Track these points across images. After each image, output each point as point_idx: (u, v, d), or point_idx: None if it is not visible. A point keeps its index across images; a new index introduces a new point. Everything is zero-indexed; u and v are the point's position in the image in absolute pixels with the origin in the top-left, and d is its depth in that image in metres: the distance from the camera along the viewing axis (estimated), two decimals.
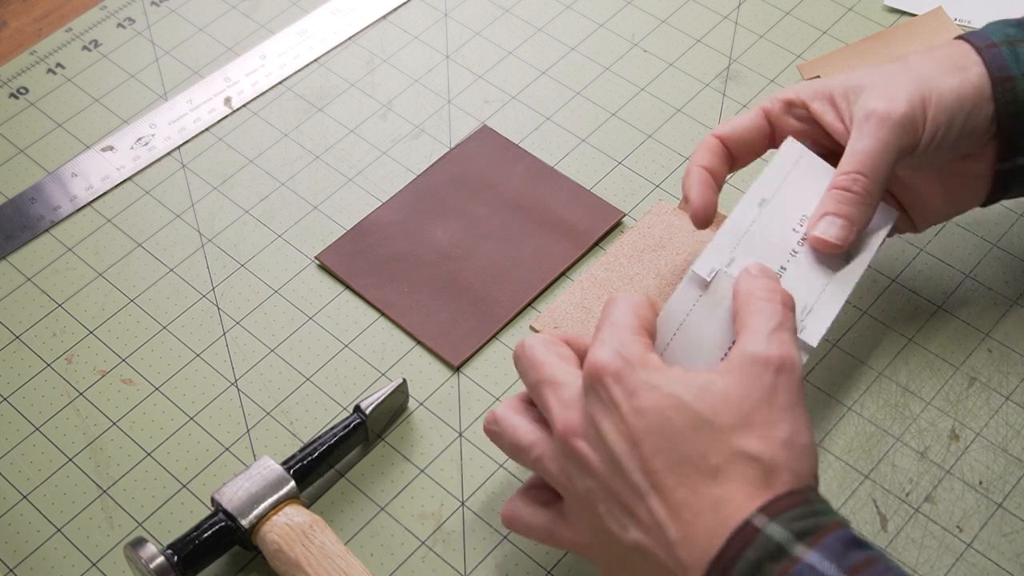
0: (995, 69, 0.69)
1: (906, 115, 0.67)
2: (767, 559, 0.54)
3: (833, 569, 0.53)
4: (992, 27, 0.71)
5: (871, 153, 0.67)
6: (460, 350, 0.78)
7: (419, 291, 0.80)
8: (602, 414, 0.59)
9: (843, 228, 0.68)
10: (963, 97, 0.68)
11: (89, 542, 0.71)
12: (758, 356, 0.59)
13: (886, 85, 0.69)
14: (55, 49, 0.96)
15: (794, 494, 0.56)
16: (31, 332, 0.80)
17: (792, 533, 0.54)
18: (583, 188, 0.85)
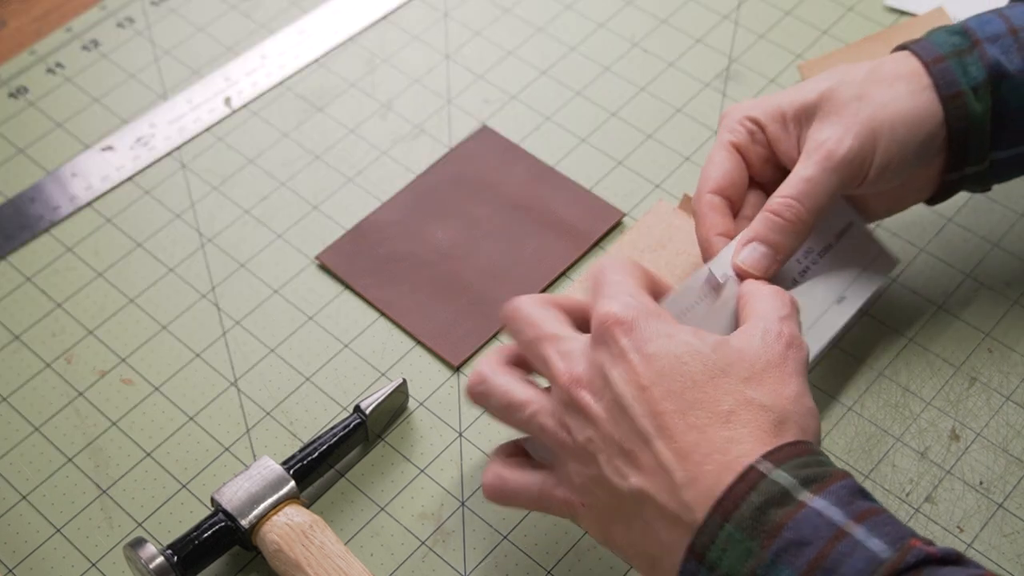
0: (944, 87, 0.69)
1: (853, 152, 0.67)
2: (772, 504, 0.54)
3: (840, 515, 0.53)
4: (937, 35, 0.71)
5: (812, 182, 0.67)
6: (460, 350, 0.78)
7: (419, 291, 0.80)
8: (611, 363, 0.59)
9: (766, 257, 0.68)
10: (916, 127, 0.68)
11: (89, 542, 0.71)
12: (770, 329, 0.61)
13: (839, 114, 0.68)
14: (54, 49, 0.96)
15: (800, 444, 0.57)
16: (31, 332, 0.80)
17: (798, 480, 0.54)
18: (583, 188, 0.85)
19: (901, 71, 0.69)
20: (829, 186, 0.68)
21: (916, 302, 0.79)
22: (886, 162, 0.68)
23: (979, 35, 0.70)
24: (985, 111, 0.69)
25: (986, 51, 0.69)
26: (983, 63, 0.69)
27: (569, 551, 0.70)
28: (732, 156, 0.72)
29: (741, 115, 0.72)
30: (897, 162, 0.68)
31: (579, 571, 0.69)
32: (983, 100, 0.68)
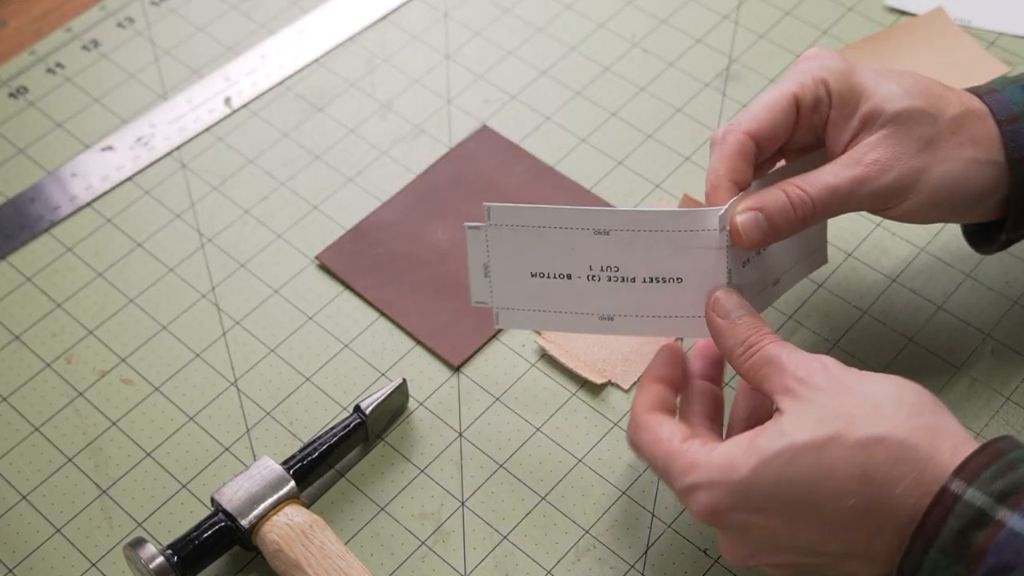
0: (1013, 149, 0.67)
1: (891, 189, 0.66)
2: (971, 527, 0.54)
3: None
4: (1013, 91, 0.69)
5: (836, 194, 0.66)
6: (460, 350, 0.78)
7: (419, 291, 0.80)
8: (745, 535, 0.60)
9: (762, 232, 0.66)
10: (961, 194, 0.67)
11: (89, 542, 0.71)
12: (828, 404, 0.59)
13: (900, 144, 0.66)
14: (55, 49, 0.96)
15: (986, 449, 0.56)
16: (31, 332, 0.80)
17: (992, 496, 0.54)
18: (583, 188, 0.85)
19: (978, 134, 0.67)
20: (850, 204, 0.67)
21: (916, 302, 0.79)
22: (914, 209, 0.67)
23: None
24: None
25: None
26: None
27: (569, 551, 0.70)
28: (789, 109, 0.68)
29: (822, 74, 0.68)
30: (926, 213, 0.67)
31: (579, 571, 0.69)
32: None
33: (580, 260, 0.69)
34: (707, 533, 0.70)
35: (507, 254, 0.71)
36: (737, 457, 0.58)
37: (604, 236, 0.68)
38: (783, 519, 0.58)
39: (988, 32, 0.91)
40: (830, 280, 0.80)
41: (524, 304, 0.71)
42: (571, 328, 0.71)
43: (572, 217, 0.69)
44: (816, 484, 0.57)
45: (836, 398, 0.58)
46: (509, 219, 0.70)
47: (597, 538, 0.70)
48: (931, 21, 0.92)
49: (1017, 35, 0.91)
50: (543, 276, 0.70)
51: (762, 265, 0.69)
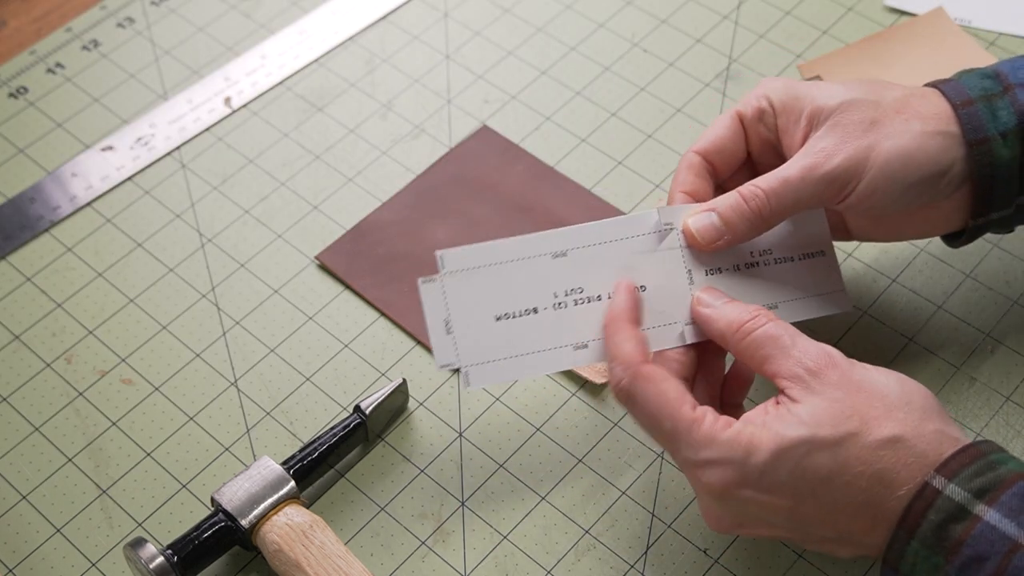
0: (970, 131, 0.67)
1: (839, 171, 0.66)
2: (950, 520, 0.57)
3: (1012, 527, 0.56)
4: (968, 78, 0.70)
5: (788, 185, 0.67)
6: None
7: (419, 291, 0.80)
8: (749, 511, 0.61)
9: (715, 231, 0.67)
10: (914, 166, 0.67)
11: (89, 542, 0.71)
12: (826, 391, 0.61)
13: (844, 130, 0.67)
14: (55, 49, 0.96)
15: (968, 450, 0.58)
16: (31, 332, 0.80)
17: (971, 492, 0.57)
18: (583, 188, 0.85)
19: (925, 110, 0.68)
20: (803, 193, 0.67)
21: (916, 302, 0.79)
22: (870, 190, 0.67)
23: (1011, 80, 0.68)
24: (1013, 157, 0.67)
25: (1018, 97, 0.68)
26: (1014, 109, 0.67)
27: (569, 551, 0.70)
28: (732, 125, 0.71)
29: (763, 91, 0.71)
30: (883, 194, 0.67)
31: (579, 571, 0.69)
32: (1011, 146, 0.67)
33: (543, 289, 0.67)
34: (707, 533, 0.70)
35: (467, 302, 0.67)
36: (759, 440, 0.59)
37: (563, 258, 0.67)
38: (790, 503, 0.59)
39: (988, 32, 0.92)
40: None
41: (493, 355, 0.66)
42: (547, 368, 0.67)
43: (527, 246, 0.67)
44: (829, 478, 0.59)
45: (850, 395, 0.60)
46: (464, 263, 0.67)
47: (597, 538, 0.70)
48: (931, 21, 0.92)
49: (1017, 35, 0.91)
50: (509, 317, 0.67)
51: (746, 284, 0.69)
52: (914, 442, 0.58)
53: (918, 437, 0.59)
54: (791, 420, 0.59)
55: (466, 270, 0.67)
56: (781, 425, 0.59)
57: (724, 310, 0.65)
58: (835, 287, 0.71)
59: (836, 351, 0.62)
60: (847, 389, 0.60)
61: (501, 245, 0.67)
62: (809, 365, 0.61)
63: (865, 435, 0.58)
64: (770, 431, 0.59)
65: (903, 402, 0.60)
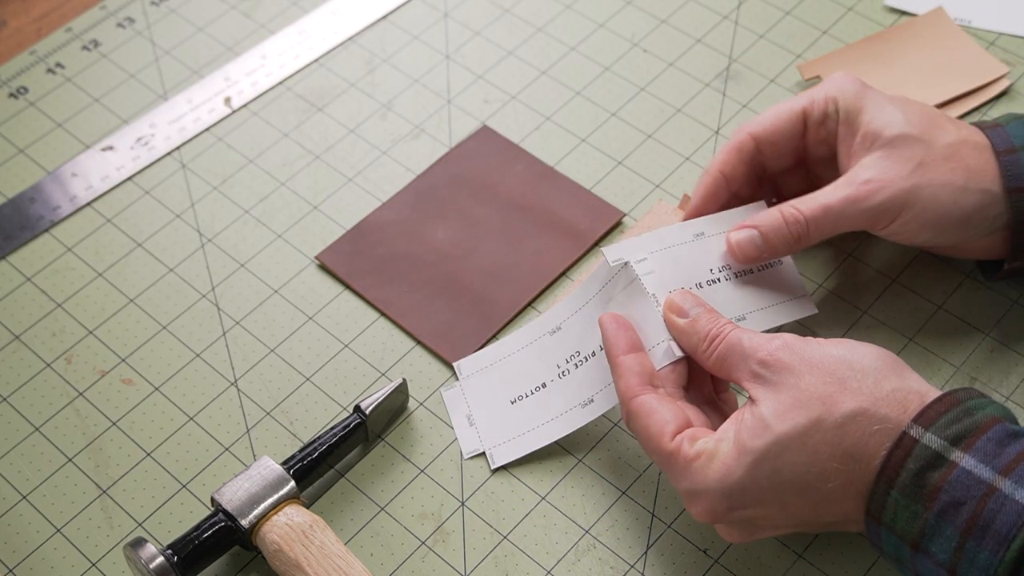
0: (1010, 179, 0.70)
1: (882, 208, 0.70)
2: (927, 468, 0.58)
3: (988, 472, 0.57)
4: (1016, 127, 0.71)
5: (830, 213, 0.70)
6: (459, 350, 0.78)
7: (419, 291, 0.80)
8: (740, 523, 0.63)
9: (755, 248, 0.71)
10: (948, 218, 0.70)
11: (89, 542, 0.71)
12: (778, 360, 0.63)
13: (895, 166, 0.70)
14: (55, 49, 0.96)
15: (945, 398, 0.59)
16: (31, 332, 0.80)
17: (947, 440, 0.58)
18: (583, 188, 0.85)
19: (972, 163, 0.70)
20: (842, 222, 0.71)
21: (916, 302, 0.79)
22: (903, 228, 0.71)
23: None
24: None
25: None
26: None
27: (569, 551, 0.70)
28: (795, 119, 0.74)
29: (835, 93, 0.73)
30: (915, 233, 0.71)
31: (579, 571, 0.69)
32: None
33: (548, 364, 0.74)
34: (707, 533, 0.70)
35: (485, 396, 0.75)
36: (730, 459, 0.61)
37: (559, 332, 0.74)
38: (778, 506, 0.61)
39: (988, 32, 0.91)
40: (830, 280, 0.80)
41: (512, 433, 0.73)
42: (562, 432, 0.73)
43: (528, 333, 0.75)
44: (804, 470, 0.60)
45: (803, 377, 0.61)
46: (478, 365, 0.76)
47: (597, 538, 0.70)
48: (931, 21, 0.92)
49: (1017, 35, 0.91)
50: (522, 398, 0.74)
51: (715, 297, 0.70)
52: (875, 409, 0.59)
53: (877, 402, 0.60)
54: (756, 428, 0.61)
55: (480, 370, 0.76)
56: (748, 436, 0.61)
57: (691, 327, 0.66)
58: (798, 292, 0.73)
59: (790, 335, 0.63)
60: (803, 370, 0.61)
61: (507, 341, 0.76)
62: (763, 358, 0.62)
63: (827, 417, 0.60)
64: (739, 446, 0.61)
65: (856, 370, 0.61)
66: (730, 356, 0.64)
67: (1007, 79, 0.88)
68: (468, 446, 0.74)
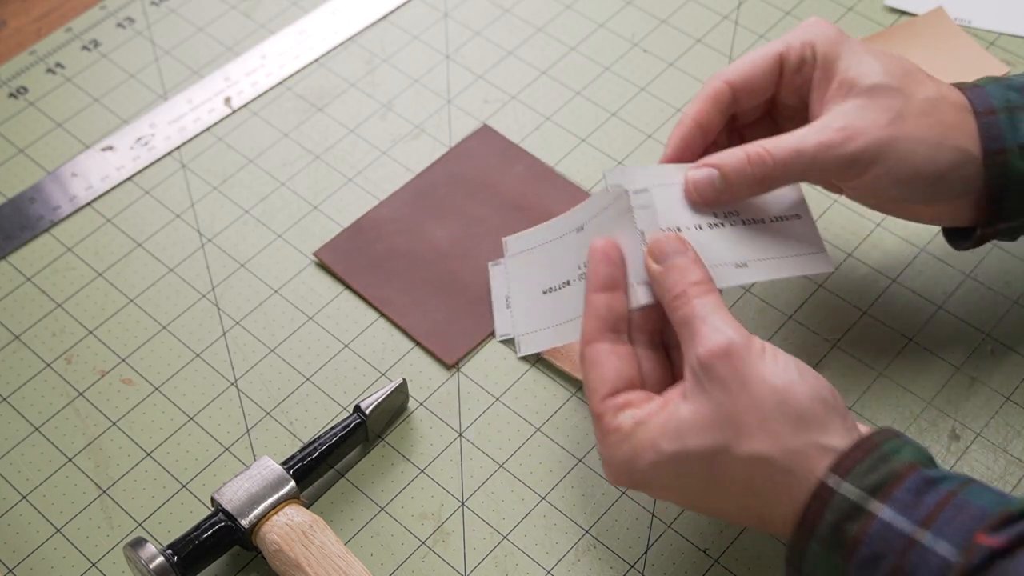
0: (988, 140, 0.67)
1: (854, 156, 0.66)
2: (845, 519, 0.56)
3: (907, 524, 0.55)
4: (995, 88, 0.69)
5: (800, 156, 0.67)
6: (455, 349, 0.78)
7: (416, 289, 0.80)
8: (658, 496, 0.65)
9: (713, 190, 0.67)
10: (923, 173, 0.67)
11: (89, 542, 0.71)
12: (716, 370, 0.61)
13: (871, 114, 0.67)
14: (55, 49, 0.96)
15: (861, 445, 0.58)
16: (31, 332, 0.80)
17: (865, 490, 0.56)
18: (581, 189, 0.85)
19: (950, 119, 0.68)
20: (813, 168, 0.67)
21: (916, 302, 0.79)
22: (875, 182, 0.67)
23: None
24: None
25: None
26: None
27: (569, 551, 0.70)
28: (771, 66, 0.70)
29: (811, 38, 0.70)
30: (887, 188, 0.68)
31: (579, 571, 0.69)
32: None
33: (572, 263, 0.72)
34: (707, 533, 0.70)
35: (522, 280, 0.76)
36: (642, 447, 0.61)
37: (581, 232, 0.71)
38: (682, 500, 0.63)
39: (988, 32, 0.92)
40: (830, 280, 0.80)
41: (539, 325, 0.74)
42: (576, 335, 0.69)
43: (562, 223, 0.74)
44: (706, 484, 0.60)
45: (731, 397, 0.59)
46: (522, 245, 0.77)
47: (597, 538, 0.70)
48: (931, 21, 0.92)
49: (1017, 35, 0.91)
50: (552, 290, 0.73)
51: (715, 241, 0.67)
52: (781, 461, 0.58)
53: (786, 455, 0.58)
54: (670, 431, 0.60)
55: (523, 252, 0.76)
56: (661, 434, 0.60)
57: (661, 277, 0.64)
58: (814, 248, 0.70)
59: (737, 333, 0.60)
60: (733, 389, 0.59)
61: (548, 226, 0.75)
62: (702, 356, 0.60)
63: (735, 449, 0.59)
64: (651, 439, 0.61)
65: (782, 412, 0.58)
66: (684, 328, 0.62)
67: None
68: (502, 328, 0.77)
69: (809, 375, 0.60)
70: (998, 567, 0.53)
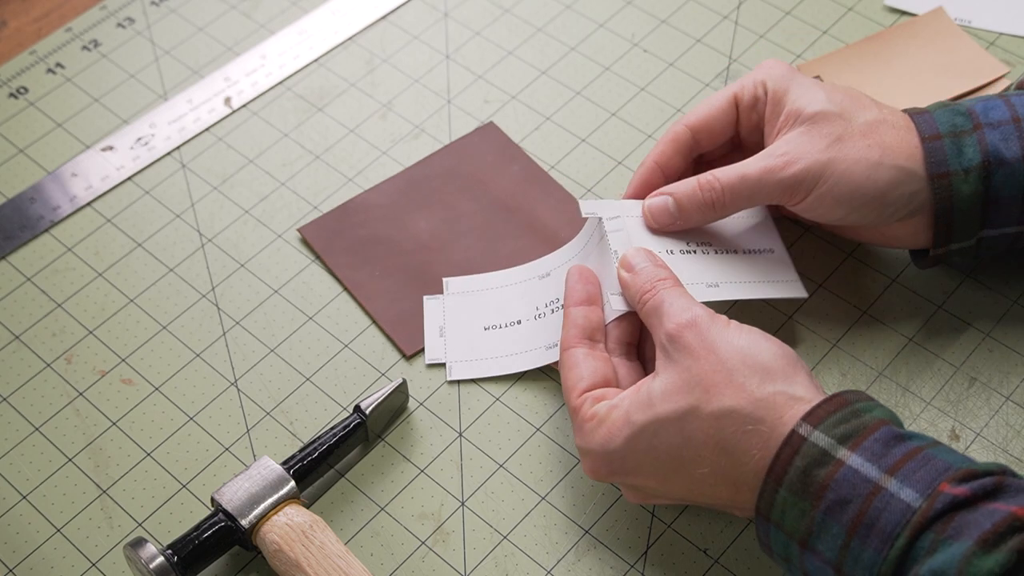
0: (932, 165, 0.70)
1: (796, 179, 0.71)
2: (814, 465, 0.58)
3: (874, 470, 0.57)
4: (941, 113, 0.72)
5: (746, 182, 0.72)
6: (416, 340, 0.78)
7: (390, 276, 0.81)
8: (626, 487, 0.68)
9: (668, 215, 0.73)
10: (863, 194, 0.70)
11: (89, 542, 0.71)
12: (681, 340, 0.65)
13: (811, 140, 0.71)
14: (55, 49, 0.96)
15: (835, 398, 0.60)
16: (31, 332, 0.80)
17: (835, 438, 0.59)
18: (571, 196, 0.85)
19: (890, 140, 0.71)
20: (758, 192, 0.72)
21: (916, 302, 0.79)
22: (818, 203, 0.71)
23: (981, 119, 0.71)
24: (974, 193, 0.70)
25: (985, 136, 0.70)
26: (980, 148, 0.70)
27: (569, 551, 0.70)
28: (727, 107, 0.76)
29: (763, 77, 0.75)
30: (830, 208, 0.71)
31: (579, 571, 0.69)
32: (973, 183, 0.70)
33: (528, 305, 0.77)
34: (707, 533, 0.70)
35: (461, 316, 0.78)
36: (616, 427, 0.64)
37: (547, 278, 0.76)
38: (656, 479, 0.64)
39: (988, 32, 0.92)
40: (830, 280, 0.80)
41: (475, 355, 0.77)
42: (520, 367, 0.76)
43: (518, 274, 0.78)
44: (679, 451, 0.63)
45: (698, 361, 0.62)
46: (465, 287, 0.79)
47: (597, 538, 0.70)
48: (931, 21, 0.92)
49: (1017, 35, 0.91)
50: (495, 328, 0.77)
51: (693, 264, 0.72)
52: (750, 410, 0.61)
53: (754, 404, 0.61)
54: (642, 402, 0.63)
55: (465, 292, 0.79)
56: (634, 408, 0.64)
57: (632, 280, 0.68)
58: (788, 277, 0.75)
59: (703, 312, 0.65)
60: (700, 354, 0.62)
61: (498, 275, 0.79)
62: (670, 330, 0.64)
63: (704, 407, 0.61)
64: (625, 416, 0.64)
65: (748, 366, 0.62)
66: (653, 316, 0.66)
67: (1007, 79, 0.88)
68: (432, 354, 0.77)
69: (772, 338, 0.64)
70: (959, 516, 0.55)
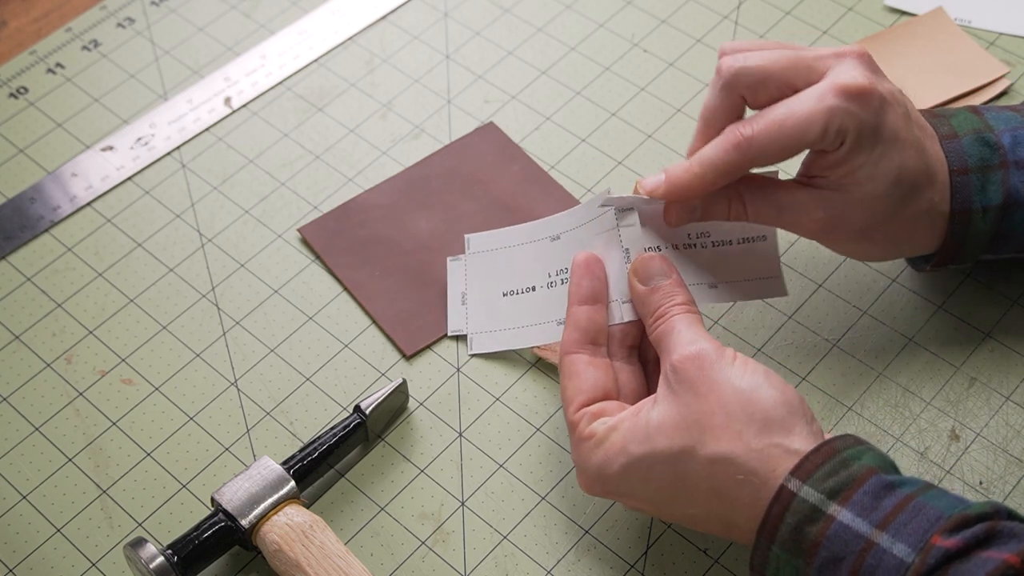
0: (957, 201, 0.69)
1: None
2: (805, 522, 0.57)
3: (865, 526, 0.56)
4: (971, 142, 0.70)
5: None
6: (415, 340, 0.78)
7: (389, 276, 0.81)
8: (622, 503, 0.67)
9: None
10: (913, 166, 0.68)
11: (89, 542, 0.71)
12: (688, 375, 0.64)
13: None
14: (55, 49, 0.96)
15: (822, 448, 0.59)
16: (31, 332, 0.80)
17: (824, 493, 0.58)
18: (573, 197, 0.85)
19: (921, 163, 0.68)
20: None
21: (916, 302, 0.79)
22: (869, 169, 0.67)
23: (1009, 156, 0.70)
24: (986, 231, 0.70)
25: (1010, 177, 0.69)
26: (1003, 188, 0.69)
27: (569, 551, 0.70)
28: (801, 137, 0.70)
29: (848, 123, 0.68)
30: (880, 180, 0.67)
31: (579, 571, 0.69)
32: (989, 221, 0.69)
33: (541, 270, 0.75)
34: (707, 534, 0.70)
35: (482, 279, 0.77)
36: (612, 453, 0.63)
37: (556, 241, 0.74)
38: (651, 507, 0.64)
39: (988, 32, 0.91)
40: (830, 280, 0.80)
41: (495, 325, 0.76)
42: (535, 340, 0.74)
43: (534, 230, 0.76)
44: (672, 487, 0.62)
45: (698, 398, 0.61)
46: (485, 245, 0.78)
47: (597, 538, 0.70)
48: (931, 21, 0.92)
49: (1017, 35, 0.91)
50: (513, 293, 0.75)
51: (688, 261, 0.71)
52: (744, 460, 0.59)
53: (749, 454, 0.59)
54: (640, 433, 0.62)
55: (485, 251, 0.77)
56: (631, 437, 0.62)
57: (646, 297, 0.66)
58: (771, 273, 0.73)
59: (710, 343, 0.63)
60: (702, 391, 0.61)
61: (516, 230, 0.76)
62: (675, 361, 0.63)
63: (699, 449, 0.60)
64: (621, 443, 0.62)
65: (747, 412, 0.60)
66: (662, 341, 0.65)
67: (1007, 79, 0.88)
68: (454, 324, 0.77)
69: (777, 381, 0.62)
70: (953, 568, 0.54)
